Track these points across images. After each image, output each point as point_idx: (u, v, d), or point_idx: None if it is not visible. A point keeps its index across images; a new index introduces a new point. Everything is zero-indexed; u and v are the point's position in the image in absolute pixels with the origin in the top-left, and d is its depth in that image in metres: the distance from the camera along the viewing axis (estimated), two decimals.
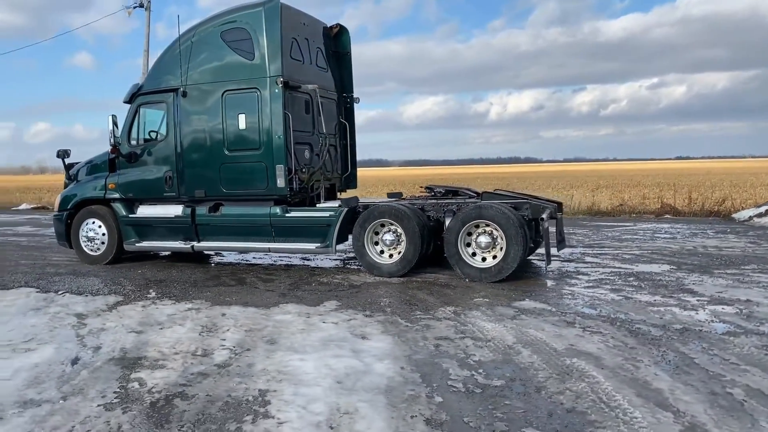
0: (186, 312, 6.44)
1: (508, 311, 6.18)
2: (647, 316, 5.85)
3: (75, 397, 4.09)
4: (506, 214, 7.60)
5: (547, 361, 4.59)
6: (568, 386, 4.08)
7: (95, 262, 9.88)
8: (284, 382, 4.25)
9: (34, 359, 4.93)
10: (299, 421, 3.61)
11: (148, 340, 5.42)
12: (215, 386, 4.23)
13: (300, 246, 8.72)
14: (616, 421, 3.52)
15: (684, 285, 7.22)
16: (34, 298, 7.32)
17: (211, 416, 3.71)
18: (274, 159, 8.59)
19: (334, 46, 10.39)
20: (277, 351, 4.98)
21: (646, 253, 9.78)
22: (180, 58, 9.11)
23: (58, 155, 10.32)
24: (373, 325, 5.74)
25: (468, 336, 5.31)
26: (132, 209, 9.72)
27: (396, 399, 3.92)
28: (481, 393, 4.01)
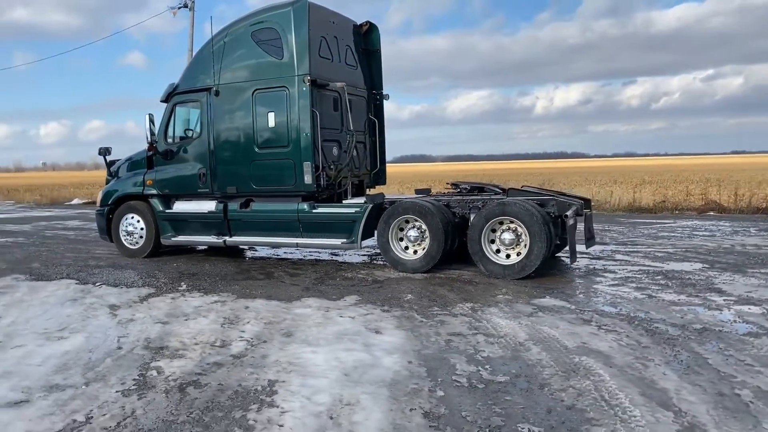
0: (212, 304, 6.66)
1: (526, 308, 6.18)
2: (668, 315, 5.76)
3: (97, 383, 4.32)
4: (530, 211, 7.57)
5: (555, 359, 4.59)
6: (572, 383, 4.09)
7: (134, 255, 10.27)
8: (293, 374, 4.39)
9: (65, 347, 5.21)
10: (301, 410, 3.73)
11: (172, 330, 5.65)
12: (228, 376, 4.40)
13: (326, 241, 8.88)
14: (613, 419, 3.52)
15: (713, 284, 7.06)
16: (72, 289, 7.69)
17: (220, 404, 3.87)
18: (302, 156, 8.77)
19: (364, 43, 10.50)
20: (291, 343, 5.13)
21: (680, 251, 9.57)
22: (213, 58, 9.37)
23: (100, 153, 10.75)
24: (389, 320, 5.83)
25: (481, 332, 5.35)
26: (168, 205, 10.06)
27: (398, 392, 4.00)
28: (484, 388, 4.05)
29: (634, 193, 20.37)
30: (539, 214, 7.58)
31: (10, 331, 5.74)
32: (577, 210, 8.00)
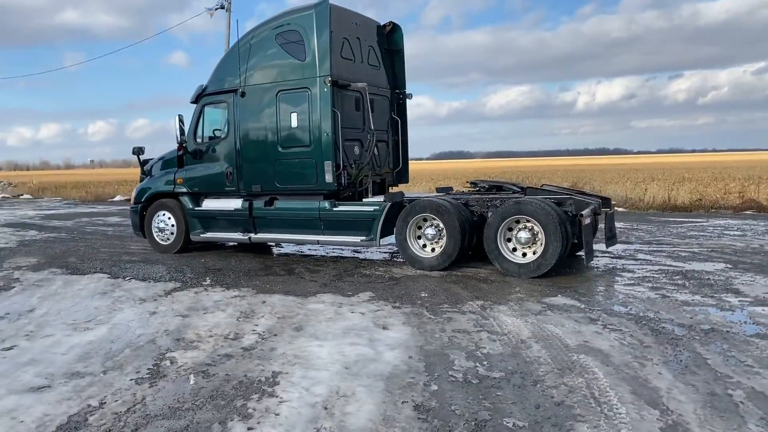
0: (231, 299, 6.92)
1: (536, 306, 6.24)
2: (678, 315, 5.76)
3: (114, 371, 4.60)
4: (546, 210, 7.60)
5: (553, 357, 4.67)
6: (565, 381, 4.17)
7: (165, 251, 10.65)
8: (297, 366, 4.58)
9: (89, 337, 5.53)
10: (298, 401, 3.92)
11: (191, 323, 5.92)
12: (236, 367, 4.62)
13: (347, 239, 9.07)
14: (599, 416, 3.60)
15: (731, 285, 6.99)
16: (104, 283, 8.07)
17: (224, 393, 4.09)
18: (323, 155, 8.97)
19: (387, 43, 10.65)
20: (300, 337, 5.33)
21: (706, 250, 9.44)
22: (239, 59, 9.66)
23: (134, 152, 11.18)
24: (398, 316, 5.98)
25: (485, 329, 5.45)
26: (198, 202, 10.40)
27: (394, 385, 4.15)
28: (477, 384, 4.17)
29: (669, 191, 19.97)
30: (555, 213, 7.61)
31: (42, 322, 6.10)
32: (594, 209, 8.00)
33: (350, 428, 3.51)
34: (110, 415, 3.80)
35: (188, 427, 3.58)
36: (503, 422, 3.56)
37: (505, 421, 3.57)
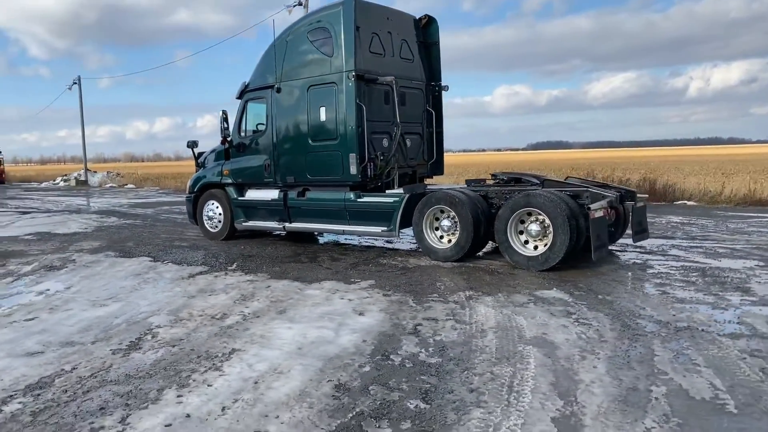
0: (242, 283, 7.42)
1: (522, 299, 6.27)
2: (662, 312, 5.62)
3: (101, 342, 5.18)
4: (555, 202, 7.53)
5: (500, 347, 4.76)
6: (494, 369, 4.26)
7: (214, 238, 11.42)
8: (256, 345, 4.96)
9: (100, 312, 6.18)
10: (237, 375, 4.28)
11: (192, 303, 6.45)
12: (203, 343, 5.06)
13: (369, 229, 9.35)
14: (501, 403, 3.70)
15: (746, 284, 6.65)
16: (143, 265, 8.84)
17: (178, 365, 4.53)
18: (348, 148, 9.30)
19: (423, 36, 10.78)
20: (277, 320, 5.70)
21: (749, 247, 8.92)
22: (275, 57, 10.17)
23: (188, 145, 12.02)
24: (381, 303, 6.22)
25: (455, 319, 5.58)
26: (242, 192, 11.06)
27: (330, 365, 4.42)
28: (410, 368, 4.35)
29: (753, 183, 18.65)
30: (565, 206, 7.52)
31: (69, 298, 6.86)
32: (611, 202, 7.82)
33: (265, 401, 3.83)
34: (75, 378, 4.33)
35: (130, 392, 4.04)
36: (408, 404, 3.74)
37: (410, 403, 3.75)
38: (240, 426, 3.48)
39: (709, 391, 3.79)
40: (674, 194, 18.77)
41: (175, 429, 3.48)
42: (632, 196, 8.45)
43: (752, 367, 4.17)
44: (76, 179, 44.39)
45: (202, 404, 3.80)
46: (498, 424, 3.41)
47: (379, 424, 3.47)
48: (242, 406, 3.74)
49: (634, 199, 8.44)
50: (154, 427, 3.50)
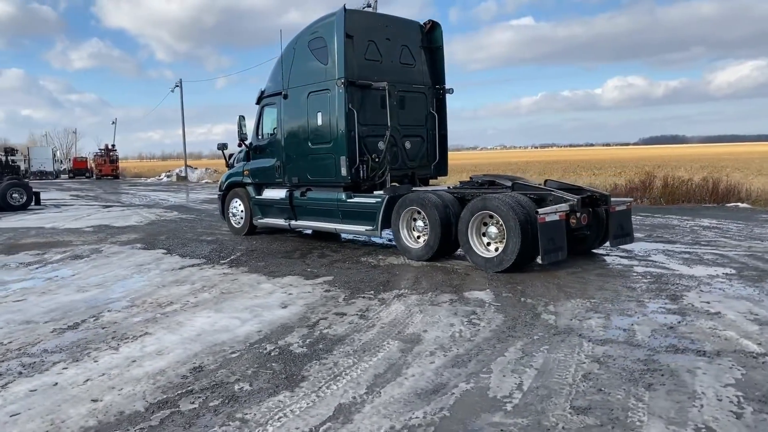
0: (215, 276, 8.17)
1: (446, 298, 6.54)
2: (565, 316, 5.70)
3: (51, 322, 6.05)
4: (507, 206, 7.66)
5: (371, 340, 5.11)
6: (341, 360, 4.66)
7: (237, 233, 12.36)
8: (165, 330, 5.62)
9: (77, 297, 7.13)
10: (125, 354, 4.96)
11: (156, 292, 7.26)
12: (129, 327, 5.79)
13: (356, 228, 9.84)
14: (312, 388, 4.11)
15: (683, 293, 6.49)
16: (153, 257, 9.85)
17: (90, 344, 5.27)
18: (340, 151, 9.84)
19: (429, 41, 11.09)
20: (206, 309, 6.36)
21: (743, 255, 8.53)
22: (283, 64, 10.89)
23: (218, 147, 13.05)
24: (313, 298, 6.72)
25: (363, 314, 5.98)
26: (259, 192, 11.90)
27: (207, 351, 5.00)
28: (272, 356, 4.83)
29: None
30: (519, 209, 7.63)
31: (66, 284, 7.90)
32: (572, 206, 7.83)
33: (124, 376, 4.46)
34: (3, 350, 5.19)
35: (34, 364, 4.82)
36: (236, 386, 4.23)
37: (238, 386, 4.24)
38: (86, 395, 4.14)
39: (504, 390, 3.98)
40: (739, 195, 17.73)
41: (35, 394, 4.19)
42: (606, 200, 8.35)
43: (578, 371, 4.29)
44: (177, 175, 47.96)
45: (74, 376, 4.50)
46: (287, 406, 3.84)
47: (194, 400, 4.00)
48: (101, 380, 4.40)
49: (608, 203, 8.33)
50: (20, 392, 4.23)
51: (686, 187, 18.96)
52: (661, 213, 14.45)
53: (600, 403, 3.74)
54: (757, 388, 3.90)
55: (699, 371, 4.23)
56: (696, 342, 4.86)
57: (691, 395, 3.83)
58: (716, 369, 4.26)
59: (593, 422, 3.50)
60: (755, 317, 5.47)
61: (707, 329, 5.16)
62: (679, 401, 3.75)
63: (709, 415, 3.55)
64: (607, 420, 3.52)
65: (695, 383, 4.02)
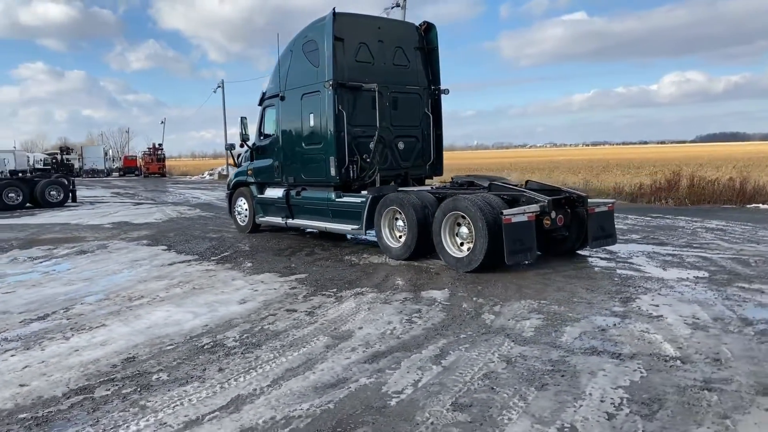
0: (196, 272, 8.50)
1: (402, 296, 6.67)
2: (505, 317, 5.77)
3: (24, 314, 6.45)
4: (476, 206, 7.72)
5: (305, 336, 5.30)
6: (265, 354, 4.87)
7: (242, 231, 12.75)
8: (122, 323, 5.95)
9: (60, 290, 7.57)
10: (71, 344, 5.29)
11: (133, 287, 7.64)
12: (93, 317, 6.15)
13: (344, 227, 10.04)
14: (224, 379, 4.34)
15: (639, 296, 6.42)
16: (152, 253, 10.30)
17: (48, 334, 5.63)
18: (329, 151, 10.06)
19: (425, 42, 11.19)
20: (169, 304, 6.67)
21: (727, 258, 8.34)
22: (280, 66, 11.18)
23: (226, 148, 13.49)
24: (275, 294, 6.95)
25: (311, 311, 6.17)
26: (262, 191, 12.25)
27: (147, 342, 5.28)
28: (205, 349, 5.08)
29: None
30: (487, 209, 7.68)
31: (58, 277, 8.38)
32: (543, 208, 7.83)
33: (61, 364, 4.78)
34: None
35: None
36: (155, 376, 4.49)
37: (157, 376, 4.50)
38: (17, 380, 4.47)
39: (399, 386, 4.10)
40: (765, 197, 17.12)
41: None
42: (583, 201, 8.29)
43: (482, 371, 4.37)
44: (219, 173, 49.22)
45: (15, 363, 4.85)
46: (189, 396, 4.07)
47: (110, 387, 4.28)
48: (38, 367, 4.73)
49: (585, 204, 8.28)
50: None
51: (713, 187, 18.44)
52: (674, 214, 14.13)
53: (482, 402, 3.83)
54: (647, 391, 3.91)
55: (601, 373, 4.25)
56: (618, 345, 4.85)
57: (577, 396, 3.87)
58: (619, 371, 4.27)
59: (464, 419, 3.60)
60: (694, 322, 5.40)
61: (637, 332, 5.14)
62: (562, 402, 3.80)
63: (581, 415, 3.59)
64: (478, 417, 3.61)
65: (589, 385, 4.05)
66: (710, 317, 5.51)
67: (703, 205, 16.42)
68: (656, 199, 18.90)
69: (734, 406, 3.67)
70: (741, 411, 3.60)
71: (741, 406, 3.66)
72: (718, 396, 3.81)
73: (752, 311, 5.68)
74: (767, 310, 5.74)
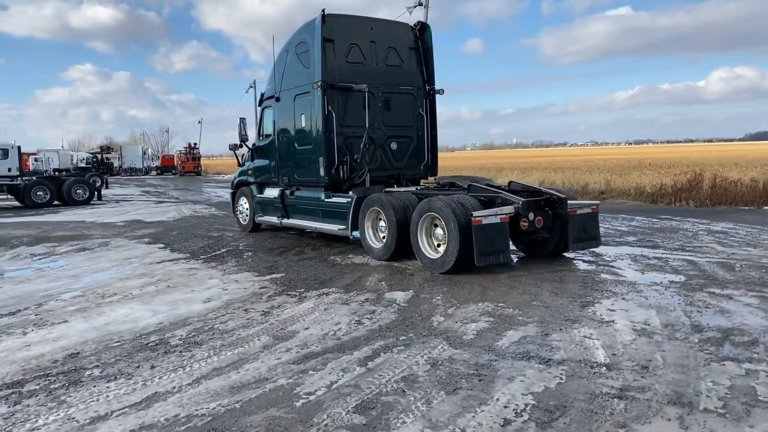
0: (179, 270, 8.68)
1: (363, 297, 6.69)
2: (452, 319, 5.74)
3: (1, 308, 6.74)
4: (449, 207, 7.68)
5: (246, 336, 5.38)
6: (198, 351, 4.97)
7: (244, 230, 12.96)
8: (84, 319, 6.12)
9: (42, 287, 7.82)
10: (25, 339, 5.48)
11: (113, 284, 7.84)
12: (60, 313, 6.34)
13: (332, 227, 10.10)
14: (154, 375, 4.45)
15: (599, 300, 6.31)
16: (146, 251, 10.55)
17: (10, 329, 5.85)
18: (319, 151, 10.14)
19: (418, 43, 11.17)
20: (136, 302, 6.84)
21: (714, 263, 8.10)
22: (276, 68, 11.32)
23: (230, 148, 13.67)
24: (242, 294, 7.05)
25: (265, 311, 6.24)
26: (261, 191, 12.42)
27: (99, 338, 5.43)
28: (149, 346, 5.21)
29: None
30: (459, 211, 7.63)
31: (47, 274, 8.67)
32: (518, 209, 7.75)
33: (7, 359, 4.97)
34: None
35: None
36: (89, 372, 4.63)
37: (90, 371, 4.64)
38: None
39: (313, 387, 4.12)
40: None
41: None
42: (562, 202, 8.16)
43: (402, 373, 4.36)
44: None
45: None
46: (109, 392, 4.18)
47: (41, 382, 4.42)
48: None
49: (564, 206, 8.14)
50: None
51: (735, 188, 17.89)
52: (685, 216, 13.75)
53: (386, 405, 3.83)
54: (557, 398, 3.85)
55: (519, 378, 4.20)
56: (553, 350, 4.78)
57: (483, 401, 3.83)
58: (539, 377, 4.21)
59: (359, 422, 3.61)
60: (642, 328, 5.27)
61: (578, 338, 5.05)
62: (465, 407, 3.77)
63: (476, 421, 3.56)
64: (374, 421, 3.61)
65: (501, 390, 4.00)
66: (661, 323, 5.37)
67: (720, 207, 15.90)
68: (676, 200, 18.40)
69: (637, 415, 3.58)
70: (642, 420, 3.51)
71: (644, 415, 3.57)
72: (626, 404, 3.72)
73: (709, 318, 5.51)
74: (725, 317, 5.54)
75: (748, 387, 3.93)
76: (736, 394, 3.83)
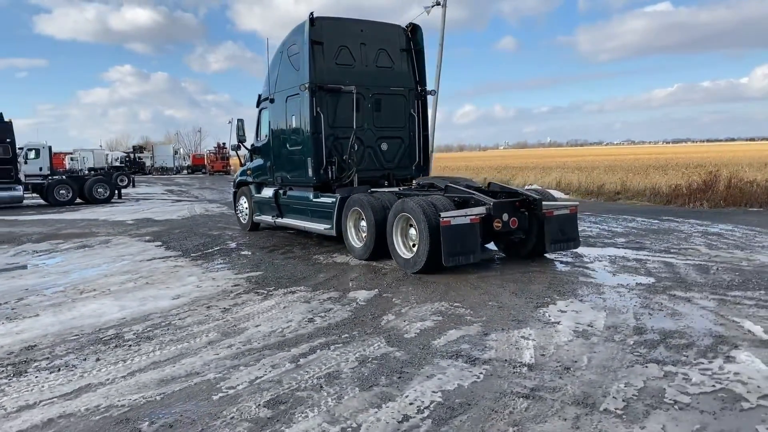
0: (164, 267, 8.93)
1: (327, 296, 6.82)
2: (403, 319, 5.83)
3: None
4: (420, 207, 7.75)
5: (199, 332, 5.56)
6: (147, 345, 5.16)
7: (243, 228, 13.22)
8: (54, 313, 6.38)
9: (31, 282, 8.14)
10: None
11: (96, 280, 8.13)
12: (35, 307, 6.62)
13: (319, 226, 10.25)
14: (96, 367, 4.66)
15: (557, 302, 6.32)
16: (143, 248, 10.87)
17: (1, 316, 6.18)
18: (307, 152, 10.31)
19: (410, 44, 11.25)
20: (110, 297, 7.09)
21: (690, 265, 8.00)
22: (270, 70, 11.53)
23: (232, 148, 13.96)
24: (214, 290, 7.25)
25: (226, 308, 6.41)
26: (259, 190, 12.65)
27: (63, 333, 5.66)
28: (104, 340, 5.43)
29: None
30: (430, 212, 7.69)
31: (40, 270, 9.02)
32: (489, 210, 7.79)
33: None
34: None
35: None
36: (54, 361, 4.86)
37: (54, 362, 4.87)
38: None
39: (236, 382, 4.26)
40: None
41: None
42: (536, 203, 8.15)
43: (326, 370, 4.48)
44: None
45: None
46: (45, 382, 4.39)
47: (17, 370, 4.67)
48: None
49: (538, 207, 8.13)
50: None
51: (750, 189, 17.48)
52: (689, 217, 13.51)
53: (298, 400, 3.94)
54: (465, 396, 3.91)
55: (437, 376, 4.27)
56: (485, 350, 4.83)
57: (391, 398, 3.92)
58: (458, 375, 4.27)
59: (264, 415, 3.73)
60: (584, 329, 5.28)
61: (514, 339, 5.09)
62: (372, 403, 3.86)
63: (376, 417, 3.65)
64: (279, 415, 3.73)
65: (415, 387, 4.08)
66: (605, 325, 5.37)
67: (731, 208, 15.56)
68: (690, 201, 18.06)
69: (536, 414, 3.63)
70: (537, 420, 3.56)
71: (542, 415, 3.61)
72: (529, 404, 3.77)
73: (656, 321, 5.49)
74: (674, 320, 5.50)
75: (659, 389, 3.93)
76: (644, 396, 3.84)
